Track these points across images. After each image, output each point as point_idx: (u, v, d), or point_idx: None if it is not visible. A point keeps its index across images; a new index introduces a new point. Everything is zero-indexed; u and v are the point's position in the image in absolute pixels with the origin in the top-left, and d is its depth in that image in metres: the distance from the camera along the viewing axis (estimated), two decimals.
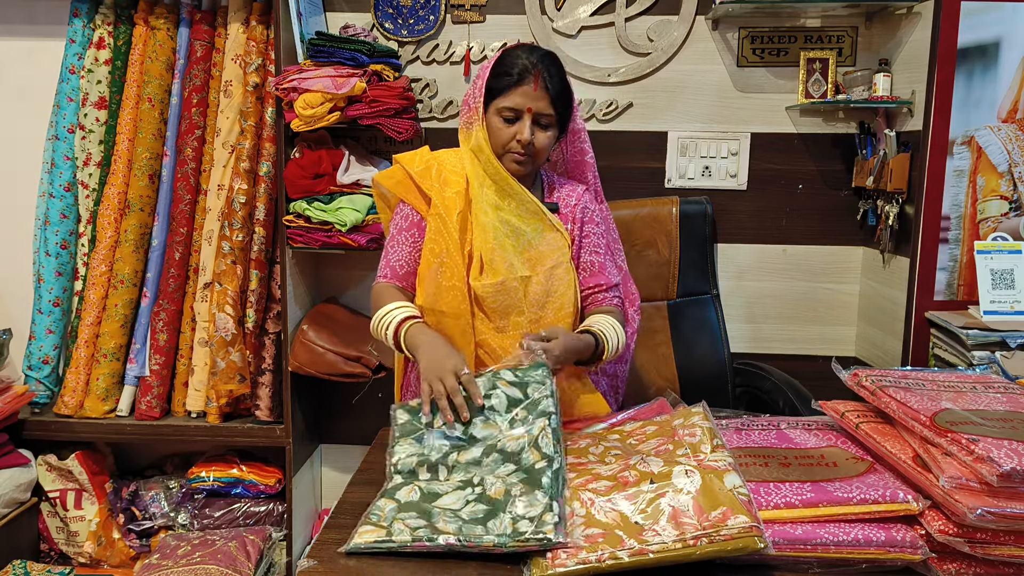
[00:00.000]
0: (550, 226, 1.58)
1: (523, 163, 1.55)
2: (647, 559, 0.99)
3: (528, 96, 1.51)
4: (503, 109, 1.52)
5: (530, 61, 1.51)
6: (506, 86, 1.51)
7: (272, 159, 2.35)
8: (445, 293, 1.53)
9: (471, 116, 1.57)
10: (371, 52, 2.25)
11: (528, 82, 1.50)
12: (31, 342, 2.47)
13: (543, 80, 1.51)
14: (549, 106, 1.52)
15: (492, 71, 1.54)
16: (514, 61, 1.52)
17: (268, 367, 2.43)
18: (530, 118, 1.52)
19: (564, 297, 1.57)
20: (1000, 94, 2.07)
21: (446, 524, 1.12)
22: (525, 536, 1.06)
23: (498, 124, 1.53)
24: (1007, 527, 1.00)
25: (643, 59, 2.47)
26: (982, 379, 1.34)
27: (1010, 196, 2.10)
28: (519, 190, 1.56)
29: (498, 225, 1.54)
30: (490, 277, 1.53)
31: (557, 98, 1.53)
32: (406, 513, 1.16)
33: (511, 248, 1.54)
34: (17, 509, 2.40)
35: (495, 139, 1.54)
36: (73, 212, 2.49)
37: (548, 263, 1.56)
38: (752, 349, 2.59)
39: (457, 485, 1.22)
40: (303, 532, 2.57)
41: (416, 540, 1.09)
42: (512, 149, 1.53)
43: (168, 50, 2.41)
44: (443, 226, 1.54)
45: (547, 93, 1.51)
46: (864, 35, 2.43)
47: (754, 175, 2.51)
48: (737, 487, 1.05)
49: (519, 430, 1.25)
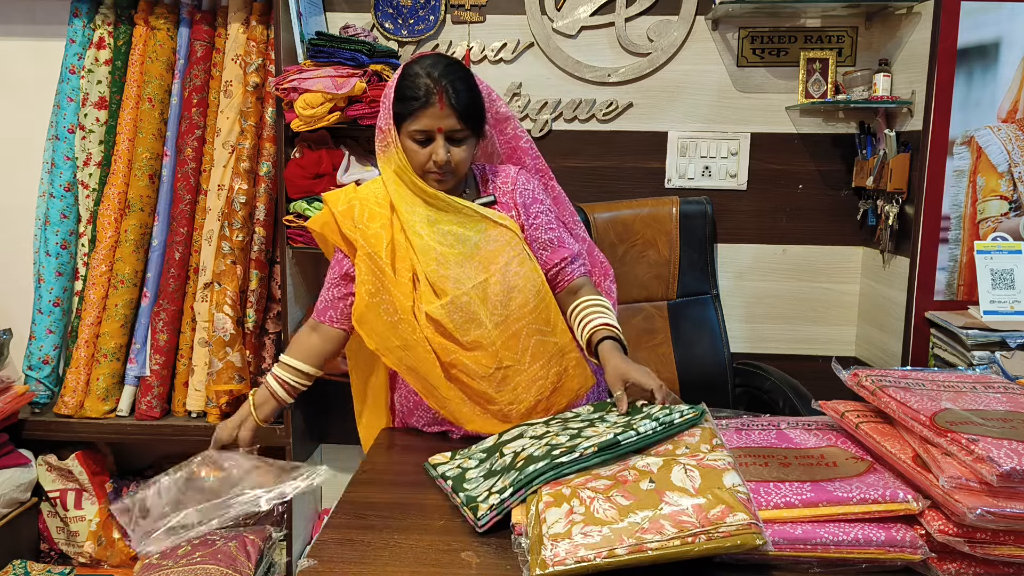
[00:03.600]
0: (493, 223, 1.55)
1: (444, 180, 1.53)
2: (646, 556, 0.99)
3: (436, 117, 1.47)
4: (414, 132, 1.49)
5: (432, 78, 1.47)
6: (412, 110, 1.48)
7: (272, 159, 2.35)
8: (394, 328, 1.53)
9: (386, 139, 1.55)
10: (371, 52, 2.25)
11: (433, 103, 1.46)
12: (31, 342, 2.47)
13: (447, 97, 1.46)
14: (458, 122, 1.48)
15: (396, 94, 1.51)
16: (415, 82, 1.48)
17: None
18: (442, 137, 1.49)
19: (526, 291, 1.54)
20: (1000, 94, 2.07)
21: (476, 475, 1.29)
22: (470, 500, 1.20)
23: (412, 147, 1.51)
24: (1007, 527, 1.00)
25: (643, 59, 2.47)
26: (982, 379, 1.34)
27: (1010, 196, 2.10)
28: (450, 201, 1.53)
29: (437, 241, 1.52)
30: (440, 298, 1.51)
31: (465, 112, 1.49)
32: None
33: (457, 259, 1.52)
34: (17, 509, 2.40)
35: (413, 161, 1.52)
36: (73, 212, 2.49)
37: (501, 261, 1.53)
38: (752, 349, 2.59)
39: (541, 434, 1.33)
40: (303, 532, 2.56)
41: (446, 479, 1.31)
42: (430, 170, 1.51)
43: (168, 50, 2.41)
44: (373, 265, 1.53)
45: (454, 110, 1.47)
46: (864, 35, 2.44)
47: (754, 175, 2.51)
48: (736, 486, 1.05)
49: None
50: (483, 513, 1.16)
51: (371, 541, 1.15)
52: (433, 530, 1.19)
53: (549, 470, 1.17)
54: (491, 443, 1.39)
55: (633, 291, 2.33)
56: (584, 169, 2.52)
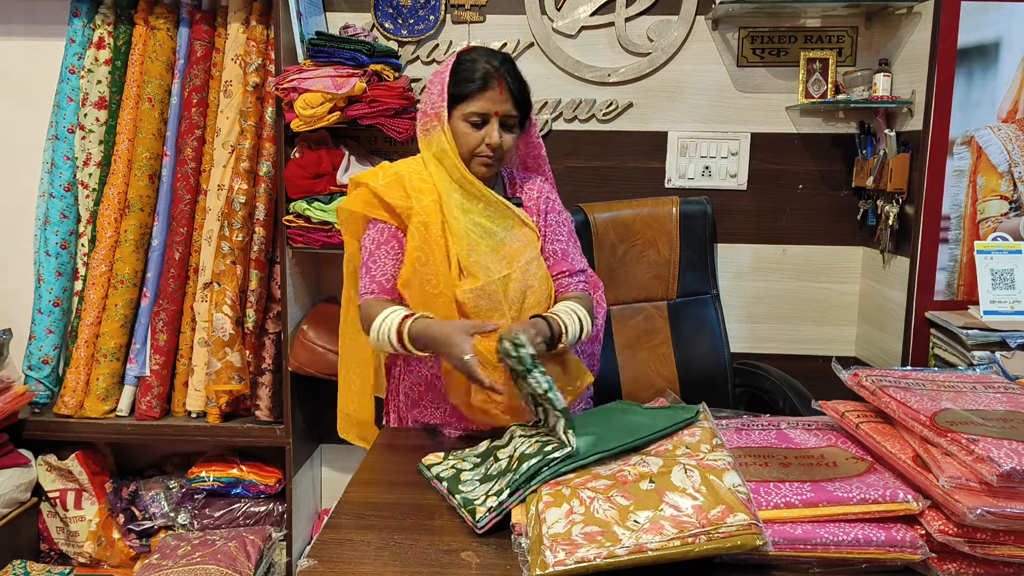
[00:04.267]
0: (519, 222, 1.60)
1: (491, 166, 1.57)
2: (646, 557, 0.99)
3: (494, 100, 1.52)
4: (470, 114, 1.53)
5: (492, 65, 1.53)
6: (470, 92, 1.52)
7: (272, 159, 2.35)
8: (433, 301, 1.53)
9: (430, 123, 1.57)
10: (371, 52, 2.25)
11: (493, 87, 1.52)
12: (31, 342, 2.47)
13: (506, 83, 1.53)
14: (514, 108, 1.55)
15: (452, 77, 1.54)
16: (475, 66, 1.53)
17: (268, 367, 2.43)
18: (497, 121, 1.53)
19: (540, 291, 1.59)
20: (1000, 94, 2.07)
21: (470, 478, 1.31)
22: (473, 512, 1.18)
23: (464, 129, 1.54)
24: (1007, 527, 1.00)
25: (643, 59, 2.47)
26: (982, 379, 1.34)
27: (1010, 196, 2.10)
28: (485, 192, 1.57)
29: (470, 228, 1.55)
30: (470, 283, 1.53)
31: (520, 98, 1.56)
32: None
33: (486, 250, 1.55)
34: (17, 509, 2.40)
35: (462, 144, 1.55)
36: (73, 212, 2.49)
37: (523, 259, 1.58)
38: (752, 349, 2.59)
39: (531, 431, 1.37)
40: (303, 532, 2.57)
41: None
42: (481, 153, 1.55)
43: (168, 50, 2.41)
44: (427, 233, 1.54)
45: (511, 96, 1.54)
46: (864, 35, 2.43)
47: (754, 175, 2.51)
48: (736, 486, 1.05)
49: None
50: (481, 515, 1.16)
51: (371, 541, 1.15)
52: (433, 530, 1.19)
53: (543, 467, 1.17)
54: (484, 448, 1.40)
55: (633, 291, 2.33)
56: (584, 169, 2.52)
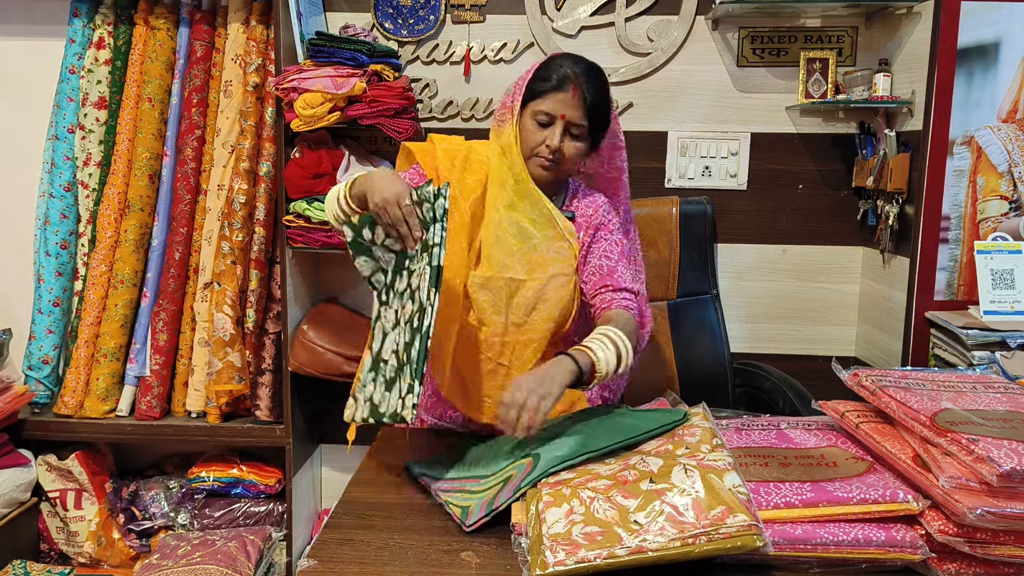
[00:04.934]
0: (560, 235, 1.55)
1: (548, 168, 1.53)
2: (646, 557, 0.99)
3: (564, 103, 1.49)
4: (538, 112, 1.51)
5: (572, 71, 1.50)
6: (544, 90, 1.51)
7: (272, 159, 2.35)
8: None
9: (505, 115, 1.57)
10: (371, 52, 2.25)
11: (567, 89, 1.49)
12: (31, 342, 2.47)
13: (581, 89, 1.49)
14: (583, 116, 1.50)
15: (534, 75, 1.54)
16: (558, 68, 1.51)
17: (268, 367, 2.43)
18: (562, 125, 1.50)
19: (555, 307, 1.53)
20: (1000, 94, 2.07)
21: (376, 392, 1.40)
22: (395, 416, 1.28)
23: (530, 127, 1.52)
24: (1007, 527, 1.00)
25: (643, 59, 2.47)
26: (982, 379, 1.34)
27: (1010, 196, 2.10)
28: (537, 194, 1.54)
29: (506, 225, 1.53)
30: (482, 271, 1.52)
31: (592, 109, 1.51)
32: (370, 374, 1.43)
33: (511, 249, 1.52)
34: (17, 509, 2.40)
35: (525, 141, 1.53)
36: (73, 212, 2.49)
37: (549, 270, 1.53)
38: (752, 349, 2.59)
39: (393, 323, 1.39)
40: (303, 532, 2.57)
41: (363, 420, 1.40)
42: (540, 153, 1.52)
43: (168, 50, 2.41)
44: (453, 208, 1.50)
45: (583, 103, 1.49)
46: (864, 35, 2.43)
47: (754, 175, 2.51)
48: (736, 486, 1.05)
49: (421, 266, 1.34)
50: (473, 509, 1.19)
51: (371, 541, 1.15)
52: (433, 530, 1.19)
53: (540, 472, 1.19)
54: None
55: None
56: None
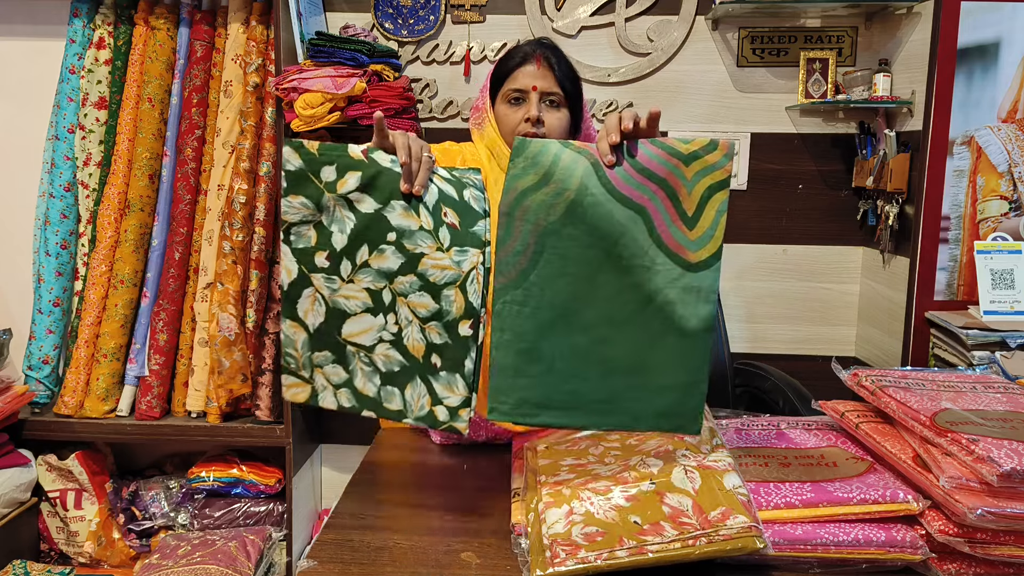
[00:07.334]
0: None
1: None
2: (646, 558, 0.99)
3: (531, 75, 1.50)
4: (508, 92, 1.52)
5: (530, 47, 1.54)
6: (510, 70, 1.52)
7: (272, 159, 2.35)
8: None
9: (480, 116, 1.57)
10: (371, 52, 2.25)
11: (531, 62, 1.51)
12: (31, 342, 2.47)
13: (546, 59, 1.51)
14: (555, 84, 1.51)
15: (496, 66, 1.56)
16: (515, 51, 1.55)
17: (268, 367, 2.43)
18: (537, 95, 1.50)
19: None
20: (1000, 94, 2.07)
21: (365, 383, 1.17)
22: (438, 424, 1.13)
23: (506, 110, 1.52)
24: (1007, 527, 1.00)
25: (643, 59, 2.47)
26: (982, 379, 1.34)
27: (1010, 196, 2.10)
28: None
29: None
30: None
31: (563, 77, 1.52)
32: (320, 354, 1.17)
33: None
34: (17, 509, 2.40)
35: (504, 126, 1.53)
36: (73, 212, 2.49)
37: None
38: (752, 349, 2.59)
39: (365, 304, 1.12)
40: (303, 532, 2.56)
41: (342, 408, 1.18)
42: (522, 131, 1.50)
43: (168, 50, 2.41)
44: None
45: (551, 71, 1.51)
46: (864, 35, 2.43)
47: (754, 175, 2.51)
48: (737, 487, 1.05)
49: (443, 258, 1.09)
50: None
51: (371, 541, 1.15)
52: (433, 530, 1.19)
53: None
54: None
55: None
56: None
